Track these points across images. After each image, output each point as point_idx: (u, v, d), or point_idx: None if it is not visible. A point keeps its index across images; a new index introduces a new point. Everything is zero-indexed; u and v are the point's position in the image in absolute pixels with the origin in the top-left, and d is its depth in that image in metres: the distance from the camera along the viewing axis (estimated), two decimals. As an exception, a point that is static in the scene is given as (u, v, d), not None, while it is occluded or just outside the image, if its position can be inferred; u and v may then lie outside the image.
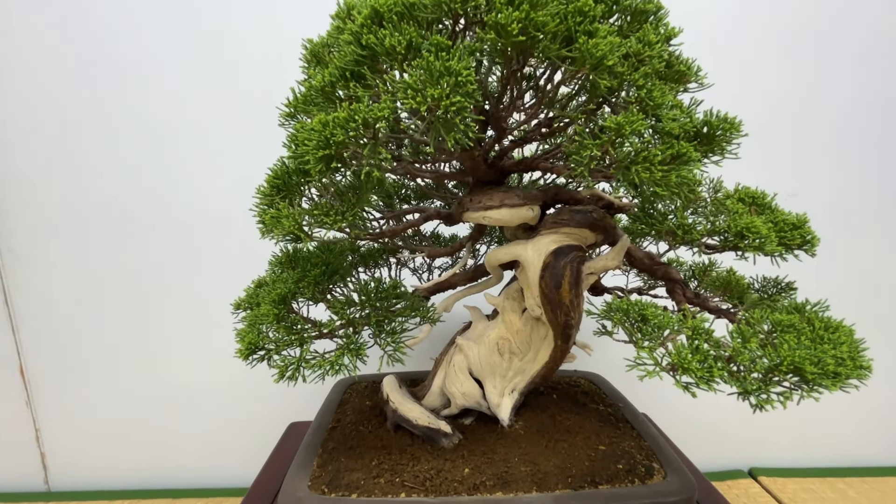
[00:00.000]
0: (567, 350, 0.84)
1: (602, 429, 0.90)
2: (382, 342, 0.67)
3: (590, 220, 0.75)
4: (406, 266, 1.10)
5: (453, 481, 0.76)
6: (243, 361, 0.72)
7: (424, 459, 0.81)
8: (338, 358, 0.64)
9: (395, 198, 0.92)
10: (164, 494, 1.55)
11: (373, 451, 0.84)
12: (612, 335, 0.66)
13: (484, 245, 1.11)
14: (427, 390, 0.97)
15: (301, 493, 0.74)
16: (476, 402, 0.91)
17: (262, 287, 0.77)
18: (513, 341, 0.89)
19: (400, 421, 0.88)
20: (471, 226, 1.15)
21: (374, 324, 0.68)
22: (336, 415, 0.99)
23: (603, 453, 0.83)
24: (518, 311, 0.88)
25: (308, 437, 0.91)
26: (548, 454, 0.82)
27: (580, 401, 1.02)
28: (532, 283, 0.78)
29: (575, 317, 0.79)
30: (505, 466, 0.79)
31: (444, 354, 0.98)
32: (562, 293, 0.76)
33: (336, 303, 0.66)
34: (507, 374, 0.90)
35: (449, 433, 0.86)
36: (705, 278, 0.94)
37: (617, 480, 0.77)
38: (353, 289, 0.68)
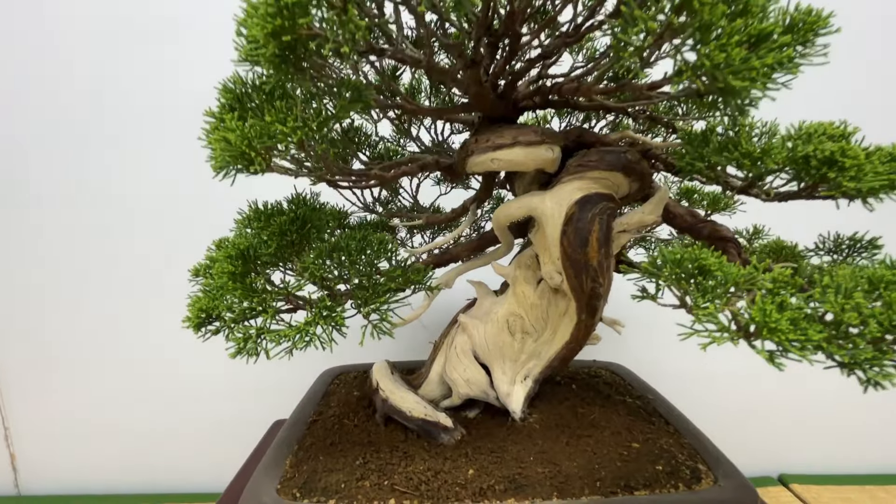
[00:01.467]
0: (592, 326, 0.70)
1: (633, 423, 0.75)
2: (365, 308, 0.53)
3: (623, 161, 0.61)
4: (402, 244, 0.97)
5: (454, 485, 0.61)
6: (194, 334, 0.58)
7: (420, 458, 0.67)
8: (308, 326, 0.51)
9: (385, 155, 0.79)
10: (141, 499, 1.41)
11: (358, 449, 0.70)
12: (655, 299, 0.51)
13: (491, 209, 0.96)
14: (424, 378, 0.83)
15: (267, 498, 0.60)
16: (482, 391, 0.76)
17: (222, 248, 0.63)
18: (526, 318, 0.74)
19: (391, 412, 0.74)
20: (476, 179, 1.01)
21: (354, 286, 0.54)
22: (318, 407, 0.85)
23: (637, 452, 0.68)
24: (532, 281, 0.74)
25: (282, 433, 0.77)
26: (570, 453, 0.68)
27: (603, 392, 0.87)
28: (552, 242, 0.64)
29: (604, 283, 0.64)
30: (518, 467, 0.65)
31: (445, 336, 0.84)
32: (588, 252, 0.61)
33: (307, 259, 0.52)
34: (518, 357, 0.76)
35: (449, 427, 0.71)
36: (751, 246, 0.80)
37: (657, 485, 0.62)
38: (331, 246, 0.55)
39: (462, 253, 0.86)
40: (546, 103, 0.65)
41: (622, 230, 0.65)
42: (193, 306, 0.57)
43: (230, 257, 0.54)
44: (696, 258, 0.46)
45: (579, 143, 0.66)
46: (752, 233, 0.84)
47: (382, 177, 0.62)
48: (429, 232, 1.04)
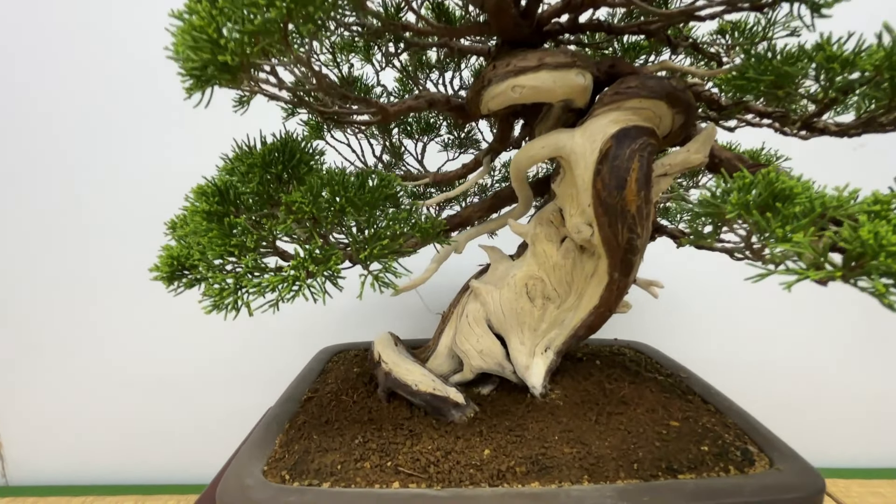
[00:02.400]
0: (626, 288, 0.61)
1: (669, 401, 0.66)
2: (364, 253, 0.45)
3: (668, 88, 0.52)
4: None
5: (468, 466, 0.53)
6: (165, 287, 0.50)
7: (427, 437, 0.58)
8: (296, 270, 0.42)
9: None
10: (132, 490, 1.33)
11: (357, 427, 0.62)
12: (711, 240, 0.43)
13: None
14: (432, 352, 0.74)
15: (250, 480, 0.52)
16: (497, 364, 0.68)
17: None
18: (548, 281, 0.65)
19: (395, 387, 0.65)
20: (492, 131, 0.91)
21: (350, 226, 0.46)
22: (314, 385, 0.77)
23: (677, 431, 0.59)
24: (555, 239, 0.65)
25: (272, 410, 0.69)
26: (600, 431, 0.59)
27: (631, 368, 0.78)
28: (582, 186, 0.55)
29: (642, 234, 0.55)
30: (541, 447, 0.56)
31: (454, 306, 0.75)
32: (626, 196, 0.52)
33: (295, 195, 0.43)
34: (538, 326, 0.67)
35: (461, 403, 0.63)
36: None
37: (703, 468, 0.53)
38: (324, 181, 0.46)
39: (473, 214, 0.77)
40: (575, 27, 0.56)
41: (663, 173, 0.56)
42: (164, 255, 0.48)
43: (205, 195, 0.46)
44: (772, 182, 0.37)
45: (612, 75, 0.57)
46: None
47: (385, 110, 0.53)
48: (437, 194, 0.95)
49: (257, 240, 0.44)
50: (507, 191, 0.76)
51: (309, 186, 0.44)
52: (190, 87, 0.43)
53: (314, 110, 0.52)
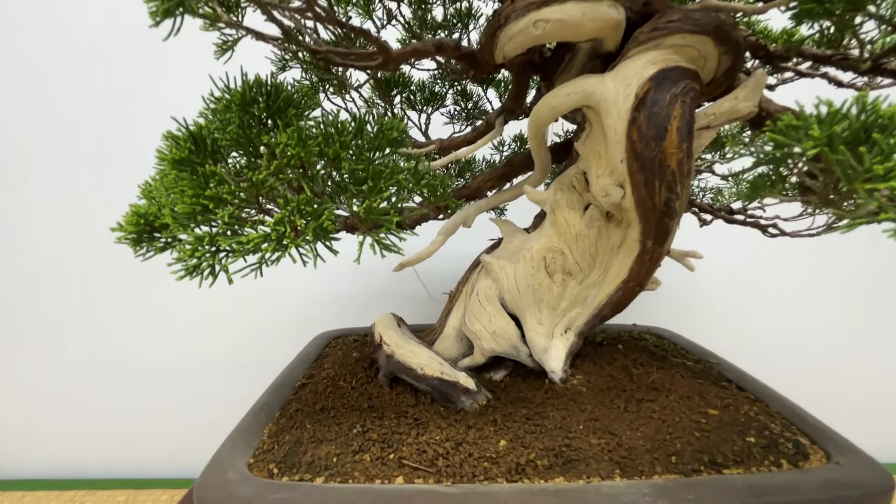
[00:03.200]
0: (660, 258, 0.54)
1: (703, 387, 0.60)
2: (361, 210, 0.38)
3: (716, 22, 0.44)
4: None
5: (482, 459, 0.46)
6: (133, 251, 0.43)
7: (435, 426, 0.52)
8: (280, 225, 0.35)
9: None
10: (124, 484, 1.27)
11: (355, 415, 0.55)
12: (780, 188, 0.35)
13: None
14: (438, 334, 0.68)
15: (233, 474, 0.45)
16: (511, 347, 0.61)
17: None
18: (569, 254, 0.58)
19: (398, 370, 0.59)
20: (500, 96, 0.84)
21: (345, 179, 0.39)
22: (309, 370, 0.70)
23: (717, 421, 0.52)
24: (578, 206, 0.58)
25: (262, 398, 0.62)
26: (630, 420, 0.52)
27: (657, 353, 0.71)
28: (614, 138, 0.47)
29: (681, 195, 0.48)
30: (564, 438, 0.49)
31: (463, 284, 0.69)
32: (665, 148, 0.45)
33: (281, 138, 0.36)
34: (558, 304, 0.60)
35: (471, 389, 0.56)
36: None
37: (751, 461, 0.47)
38: (315, 124, 0.39)
39: (484, 185, 0.70)
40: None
41: (705, 125, 0.49)
42: (129, 213, 0.41)
43: (176, 141, 0.39)
44: (866, 109, 0.30)
45: (645, 14, 0.50)
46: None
47: (388, 51, 0.46)
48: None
49: (236, 192, 0.37)
50: (521, 157, 0.69)
51: (296, 128, 0.37)
52: (155, 9, 0.36)
53: (309, 51, 0.45)
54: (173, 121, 0.40)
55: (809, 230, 0.75)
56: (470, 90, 0.93)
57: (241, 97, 0.39)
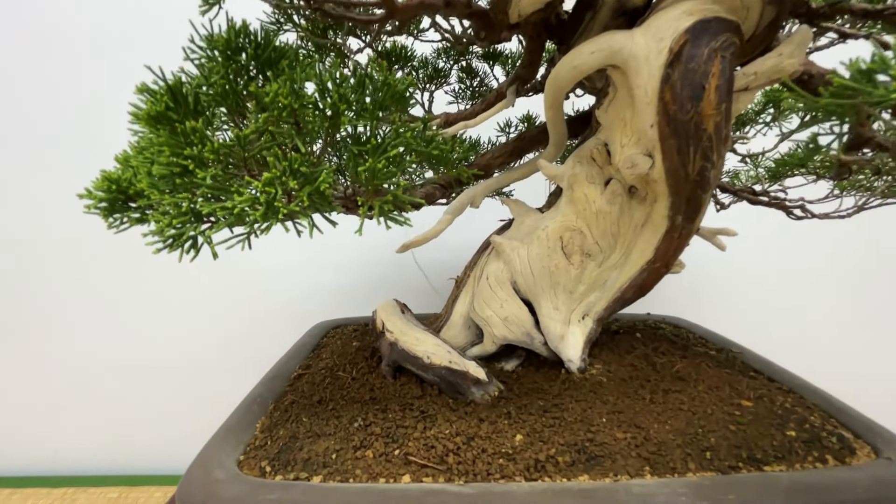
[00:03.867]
0: (690, 236, 0.49)
1: (732, 378, 0.55)
2: (363, 172, 0.33)
3: (761, -34, 0.39)
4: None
5: (497, 455, 0.42)
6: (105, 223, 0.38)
7: (444, 419, 0.47)
8: (271, 187, 0.30)
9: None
10: (116, 481, 1.23)
11: (356, 407, 0.50)
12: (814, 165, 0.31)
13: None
14: (444, 322, 0.63)
15: (221, 473, 0.41)
16: (525, 334, 0.56)
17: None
18: (588, 233, 0.54)
19: (402, 359, 0.54)
20: (513, 53, 0.78)
21: (345, 138, 0.34)
22: (307, 361, 0.65)
23: (752, 413, 0.48)
24: (598, 181, 0.53)
25: (255, 390, 0.57)
26: (657, 413, 0.48)
27: (677, 342, 0.67)
28: (643, 100, 0.43)
29: (717, 163, 0.44)
30: (586, 432, 0.45)
31: (471, 268, 0.64)
32: (703, 109, 0.41)
33: (271, 88, 0.31)
34: (575, 288, 0.56)
35: (482, 380, 0.51)
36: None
37: (793, 457, 0.42)
38: (310, 74, 0.34)
39: (493, 162, 0.65)
40: None
41: (743, 86, 0.44)
42: (99, 179, 0.36)
43: (152, 94, 0.34)
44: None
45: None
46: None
47: (392, 3, 0.41)
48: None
49: (220, 151, 0.32)
50: (534, 132, 0.64)
51: (289, 76, 0.32)
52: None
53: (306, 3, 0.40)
54: (148, 71, 0.35)
55: (838, 212, 0.70)
56: (475, 67, 0.88)
57: (225, 44, 0.34)
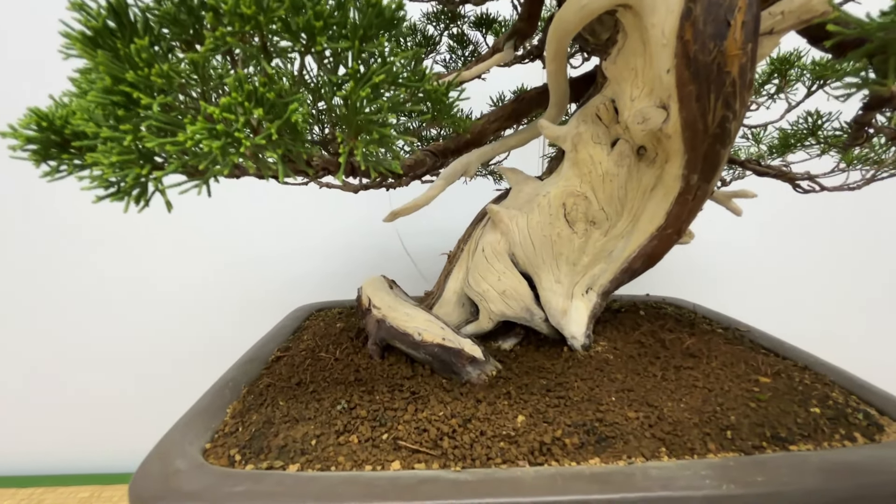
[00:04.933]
0: (705, 198, 0.45)
1: (744, 354, 0.52)
2: (343, 107, 0.28)
3: None
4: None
5: (497, 438, 0.37)
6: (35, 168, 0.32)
7: (437, 401, 0.43)
8: (231, 114, 0.25)
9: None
10: (87, 480, 1.16)
11: (340, 389, 0.45)
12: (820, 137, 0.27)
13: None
14: (436, 299, 0.58)
15: (182, 463, 0.35)
16: (524, 309, 0.52)
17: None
18: (593, 199, 0.49)
19: (391, 337, 0.49)
20: (506, 21, 0.72)
21: (324, 63, 0.29)
22: (286, 343, 0.60)
23: (772, 389, 0.44)
24: (605, 141, 0.49)
25: (228, 374, 0.52)
26: (670, 391, 0.44)
27: (682, 320, 0.63)
28: (659, 42, 0.38)
29: (739, 113, 0.40)
30: (595, 411, 0.41)
31: (465, 241, 0.59)
32: (727, 49, 0.36)
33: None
34: (579, 259, 0.51)
35: (479, 358, 0.47)
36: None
37: (820, 435, 0.39)
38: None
39: (488, 127, 0.60)
40: None
41: (768, 29, 0.40)
42: (28, 117, 0.31)
43: (87, 11, 0.28)
44: None
45: None
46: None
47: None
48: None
49: (169, 74, 0.27)
50: (533, 93, 0.60)
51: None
52: None
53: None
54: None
55: (847, 185, 0.68)
56: (466, 36, 0.83)
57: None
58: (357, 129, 0.31)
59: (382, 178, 0.69)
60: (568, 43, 0.46)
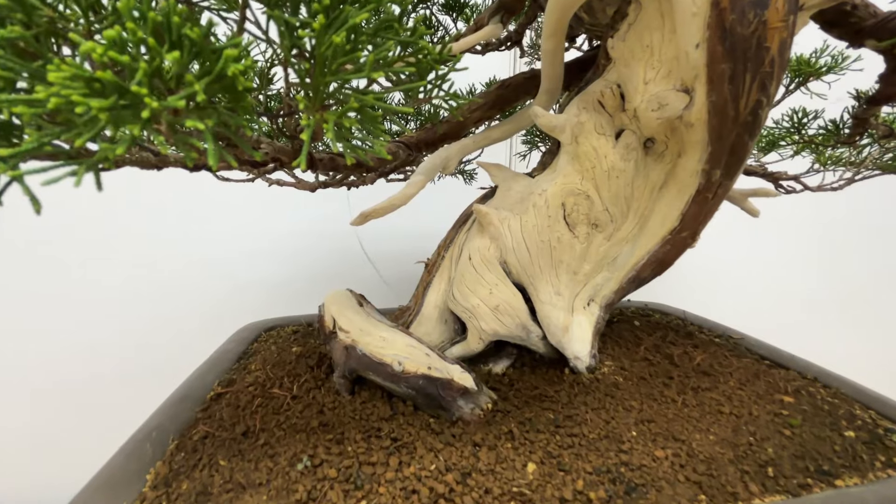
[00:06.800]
0: (725, 195, 0.40)
1: (757, 368, 0.47)
2: (312, 73, 0.19)
3: None
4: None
5: (507, 497, 0.29)
6: None
7: (426, 449, 0.34)
8: (117, 52, 0.15)
9: None
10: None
11: (299, 439, 0.36)
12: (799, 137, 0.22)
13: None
14: (413, 315, 0.50)
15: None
16: (519, 327, 0.45)
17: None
18: (597, 198, 0.43)
19: (363, 368, 0.40)
20: (478, 6, 0.66)
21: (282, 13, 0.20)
22: (229, 374, 0.49)
23: (799, 411, 0.40)
24: (609, 131, 0.42)
25: (152, 420, 0.41)
26: (695, 419, 0.38)
27: (679, 330, 0.59)
28: (690, 9, 0.32)
29: (772, 97, 0.34)
30: (617, 451, 0.34)
31: (447, 247, 0.51)
32: (769, 20, 0.31)
33: None
34: (580, 267, 0.45)
35: (471, 389, 0.39)
36: None
37: (862, 465, 0.34)
38: None
39: (470, 118, 0.53)
40: None
41: (801, 4, 0.35)
42: None
43: None
44: None
45: None
46: None
47: None
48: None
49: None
50: (520, 78, 0.53)
51: None
52: None
53: None
54: None
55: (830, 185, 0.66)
56: (434, 20, 0.75)
57: None
58: (325, 97, 0.22)
59: (344, 174, 0.60)
60: (570, 16, 0.39)
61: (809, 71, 0.59)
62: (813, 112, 0.62)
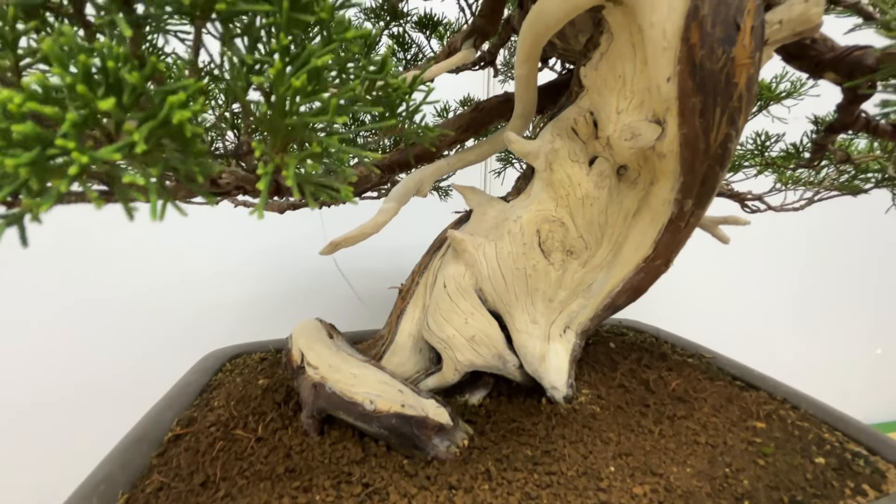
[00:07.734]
0: (696, 224, 0.40)
1: (729, 392, 0.48)
2: (271, 115, 0.18)
3: None
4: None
5: (485, 549, 0.28)
6: None
7: (399, 494, 0.32)
8: (35, 102, 0.14)
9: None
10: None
11: (264, 488, 0.33)
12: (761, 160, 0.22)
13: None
14: (386, 345, 0.48)
15: None
16: (496, 357, 0.44)
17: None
18: (571, 225, 0.43)
19: (333, 407, 0.38)
20: (452, 24, 0.65)
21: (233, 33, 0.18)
22: (190, 411, 0.46)
23: (770, 438, 0.40)
24: (583, 158, 0.42)
25: (100, 469, 0.37)
26: (671, 451, 0.38)
27: (654, 351, 0.59)
28: (660, 43, 0.32)
29: (740, 130, 0.35)
30: (596, 490, 0.33)
31: (421, 273, 0.50)
32: (736, 57, 0.31)
33: None
34: (556, 294, 0.44)
35: (446, 426, 0.37)
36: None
37: (832, 492, 0.34)
38: None
39: (444, 142, 0.52)
40: None
41: (772, 38, 0.36)
42: None
43: None
44: None
45: None
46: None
47: None
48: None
49: None
50: (494, 101, 0.52)
51: None
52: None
53: None
54: None
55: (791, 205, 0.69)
56: (409, 38, 0.74)
57: None
58: (287, 138, 0.20)
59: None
60: (543, 43, 0.39)
61: (770, 96, 0.61)
62: (775, 136, 0.64)
